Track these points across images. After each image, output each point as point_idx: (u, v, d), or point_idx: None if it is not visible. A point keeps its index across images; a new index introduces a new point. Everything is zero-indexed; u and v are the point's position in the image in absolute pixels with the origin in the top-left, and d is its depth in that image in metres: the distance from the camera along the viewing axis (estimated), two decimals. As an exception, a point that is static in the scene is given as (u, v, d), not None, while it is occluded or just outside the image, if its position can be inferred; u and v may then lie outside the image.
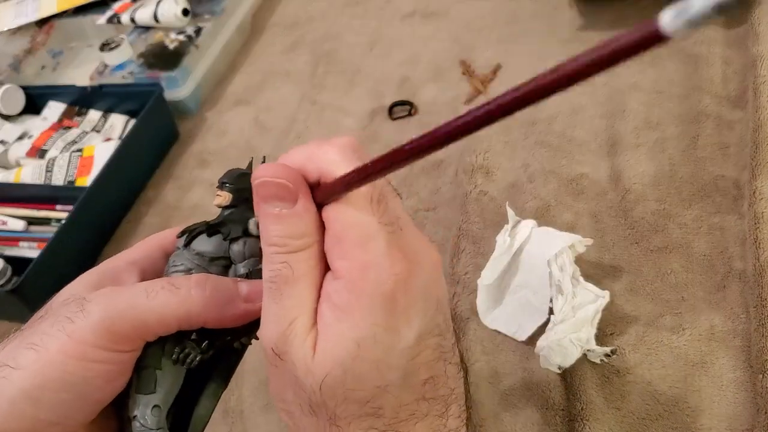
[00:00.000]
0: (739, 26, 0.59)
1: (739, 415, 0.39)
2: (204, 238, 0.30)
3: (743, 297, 0.43)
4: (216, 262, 0.30)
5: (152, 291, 0.26)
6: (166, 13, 0.80)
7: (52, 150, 0.73)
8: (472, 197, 0.54)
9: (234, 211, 0.31)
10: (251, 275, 0.29)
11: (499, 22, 0.73)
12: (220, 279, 0.28)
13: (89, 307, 0.25)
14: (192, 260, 0.29)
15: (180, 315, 0.26)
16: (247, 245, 0.29)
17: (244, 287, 0.28)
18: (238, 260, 0.30)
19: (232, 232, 0.30)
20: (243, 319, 0.27)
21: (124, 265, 0.30)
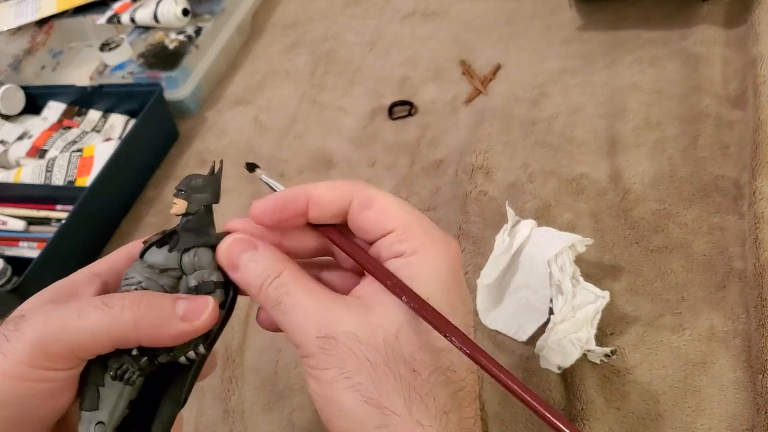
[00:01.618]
0: (739, 26, 0.59)
1: (739, 415, 0.39)
2: (155, 250, 0.29)
3: (743, 297, 0.43)
4: (166, 273, 0.29)
5: (84, 310, 0.26)
6: (165, 13, 0.80)
7: (52, 150, 0.73)
8: (472, 197, 0.55)
9: (191, 219, 0.30)
10: (201, 287, 0.29)
11: (499, 22, 0.73)
12: (156, 297, 0.27)
13: (23, 326, 0.25)
14: (143, 272, 0.29)
15: (112, 335, 0.26)
16: (197, 256, 0.29)
17: (182, 306, 0.27)
18: (188, 272, 0.29)
19: (181, 242, 0.29)
20: (180, 338, 0.27)
21: (86, 278, 0.30)
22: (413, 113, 0.67)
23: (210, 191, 0.31)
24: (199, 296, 0.28)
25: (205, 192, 0.31)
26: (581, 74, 0.62)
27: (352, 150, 0.65)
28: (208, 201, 0.31)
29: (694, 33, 0.60)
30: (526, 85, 0.63)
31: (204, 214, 0.30)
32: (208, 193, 0.31)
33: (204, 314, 0.27)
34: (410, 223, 0.28)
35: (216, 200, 0.31)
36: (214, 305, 0.28)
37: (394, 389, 0.25)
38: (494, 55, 0.69)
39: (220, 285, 0.29)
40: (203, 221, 0.30)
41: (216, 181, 0.31)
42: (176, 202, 0.30)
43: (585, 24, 0.67)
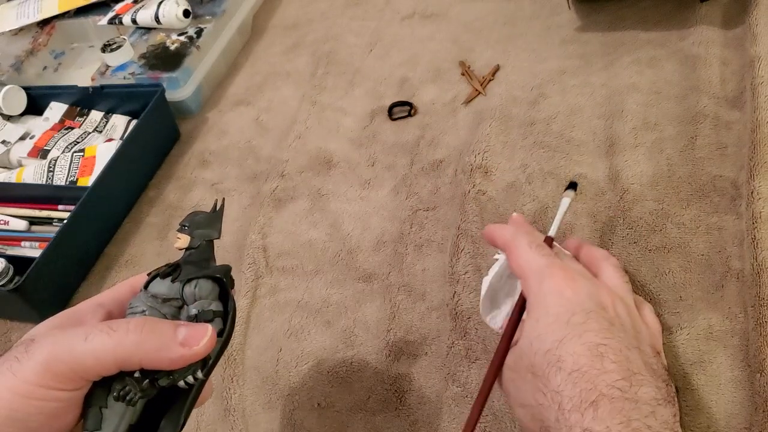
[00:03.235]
0: (736, 27, 0.59)
1: (737, 413, 0.39)
2: (158, 281, 0.31)
3: (741, 296, 0.43)
4: (169, 303, 0.31)
5: (90, 333, 0.28)
6: (167, 14, 0.80)
7: (54, 150, 0.73)
8: (471, 197, 0.55)
9: (193, 253, 0.32)
10: (200, 316, 0.30)
11: (498, 23, 0.73)
12: (159, 323, 0.29)
13: (33, 348, 0.27)
14: (147, 302, 0.31)
15: (116, 357, 0.28)
16: (198, 287, 0.31)
17: (182, 332, 0.29)
18: (189, 301, 0.31)
19: (182, 274, 0.31)
20: (179, 362, 0.29)
21: (90, 308, 0.32)
22: (413, 114, 0.67)
23: (212, 227, 0.33)
24: (198, 324, 0.30)
25: (208, 228, 0.33)
26: (580, 75, 0.62)
27: (353, 150, 0.66)
28: (210, 236, 0.33)
29: (692, 34, 0.60)
30: (525, 85, 0.64)
31: (205, 248, 0.33)
32: (210, 228, 0.33)
33: (203, 340, 0.29)
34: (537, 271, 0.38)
35: (217, 236, 0.33)
36: (212, 332, 0.30)
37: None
38: (493, 56, 0.69)
39: (219, 314, 0.31)
40: (204, 255, 0.32)
41: (218, 218, 0.34)
42: (179, 237, 0.32)
43: (584, 25, 0.67)
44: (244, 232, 0.62)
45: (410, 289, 0.52)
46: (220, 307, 0.32)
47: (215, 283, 0.32)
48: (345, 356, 0.50)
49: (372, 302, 0.53)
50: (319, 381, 0.49)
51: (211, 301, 0.31)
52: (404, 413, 0.46)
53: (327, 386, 0.49)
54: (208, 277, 0.31)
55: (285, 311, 0.54)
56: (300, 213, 0.62)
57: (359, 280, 0.54)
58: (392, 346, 0.49)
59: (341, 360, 0.50)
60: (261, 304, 0.56)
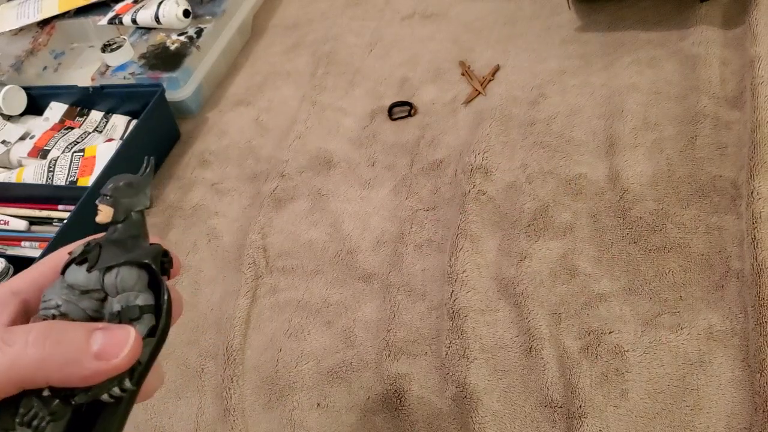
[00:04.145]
0: (736, 27, 0.59)
1: (737, 413, 0.39)
2: (75, 267, 0.25)
3: (741, 296, 0.43)
4: (88, 295, 0.25)
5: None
6: (167, 14, 0.80)
7: (54, 150, 0.73)
8: (471, 197, 0.55)
9: (118, 229, 0.26)
10: (124, 313, 0.25)
11: (498, 23, 0.73)
12: (67, 330, 0.23)
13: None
14: (62, 294, 0.25)
15: (13, 377, 0.22)
16: (119, 277, 0.25)
17: (98, 340, 0.23)
18: (111, 294, 0.25)
19: (102, 259, 0.25)
20: (93, 379, 0.23)
21: (1, 298, 0.26)
22: (413, 114, 0.67)
23: (140, 194, 0.26)
24: (118, 327, 0.24)
25: (134, 196, 0.26)
26: (580, 75, 0.62)
27: (353, 150, 0.66)
28: (138, 206, 0.26)
29: (692, 34, 0.60)
30: (525, 85, 0.64)
31: (134, 222, 0.26)
32: (137, 196, 0.26)
33: (123, 350, 0.23)
34: None
35: (148, 204, 0.27)
36: (135, 337, 0.24)
37: None
38: (493, 56, 0.69)
39: (147, 309, 0.25)
40: (132, 231, 0.26)
41: (146, 182, 0.27)
42: (101, 209, 0.26)
43: (584, 25, 0.67)
44: (244, 232, 0.62)
45: (410, 289, 0.52)
46: (150, 300, 0.25)
47: (143, 270, 0.25)
48: (345, 356, 0.50)
49: (372, 302, 0.53)
50: (319, 381, 0.49)
51: (137, 293, 0.25)
52: (404, 413, 0.46)
53: (327, 386, 0.49)
54: (133, 263, 0.25)
55: (285, 311, 0.54)
56: (300, 213, 0.62)
57: (359, 280, 0.54)
58: (392, 346, 0.49)
59: (341, 360, 0.50)
60: (261, 304, 0.56)
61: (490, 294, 0.49)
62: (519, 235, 0.52)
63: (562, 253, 0.49)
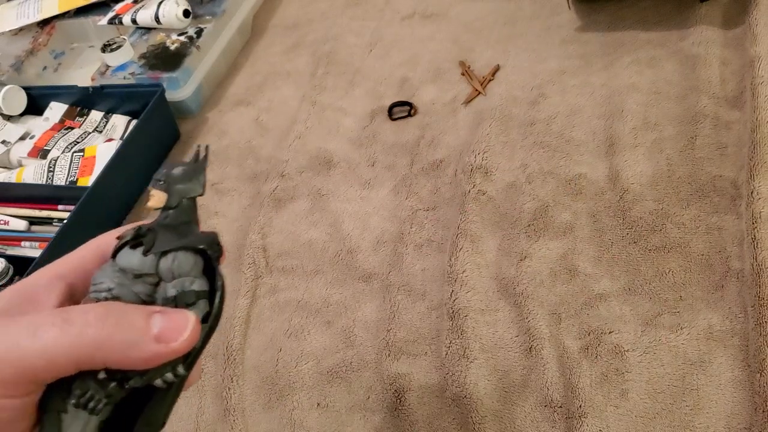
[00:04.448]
0: (736, 27, 0.59)
1: (737, 413, 0.39)
2: (128, 251, 0.25)
3: (741, 296, 0.43)
4: (141, 279, 0.24)
5: (40, 328, 0.22)
6: (167, 14, 0.80)
7: (54, 150, 0.73)
8: (471, 197, 0.55)
9: (170, 214, 0.26)
10: (180, 298, 0.24)
11: (498, 23, 0.73)
12: (126, 312, 0.23)
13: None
14: (114, 277, 0.24)
15: (74, 357, 0.22)
16: (176, 261, 0.24)
17: (157, 323, 0.23)
18: (166, 278, 0.25)
19: (158, 243, 0.24)
20: (152, 362, 0.23)
21: (47, 281, 0.25)
22: (413, 114, 0.67)
23: (194, 181, 0.26)
24: (177, 311, 0.24)
25: (188, 182, 0.26)
26: (580, 75, 0.62)
27: (353, 150, 0.66)
28: (192, 193, 0.26)
29: (692, 34, 0.60)
30: (525, 85, 0.64)
31: (186, 208, 0.26)
32: (191, 183, 0.26)
33: (183, 334, 0.23)
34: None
35: (201, 192, 0.27)
36: (195, 323, 0.24)
37: None
38: (493, 56, 0.69)
39: (203, 295, 0.25)
40: (184, 217, 0.26)
41: (201, 169, 0.27)
42: (153, 194, 0.26)
43: (584, 25, 0.67)
44: (244, 232, 0.62)
45: (410, 289, 0.52)
46: (205, 286, 0.25)
47: (198, 256, 0.25)
48: (345, 356, 0.50)
49: (372, 302, 0.53)
50: (319, 381, 0.49)
51: (193, 278, 0.25)
52: (404, 413, 0.46)
53: (327, 386, 0.49)
54: (189, 249, 0.25)
55: (285, 311, 0.54)
56: (300, 213, 0.62)
57: (359, 280, 0.54)
58: (392, 345, 0.49)
59: (341, 360, 0.50)
60: (261, 304, 0.56)
61: (490, 294, 0.49)
62: (519, 235, 0.52)
63: (562, 253, 0.49)
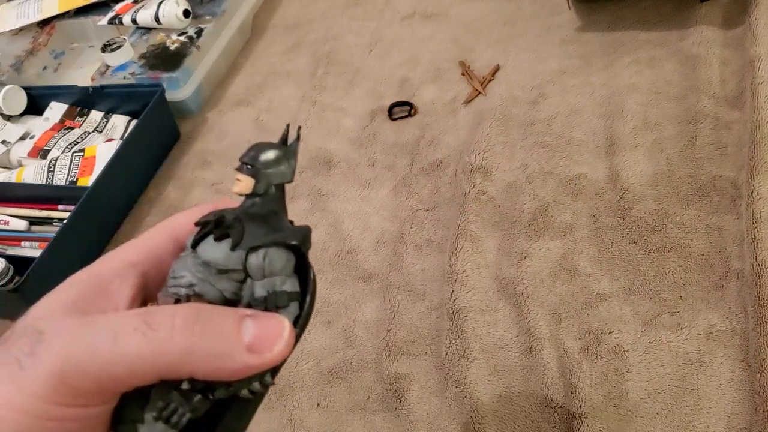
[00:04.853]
0: (736, 27, 0.59)
1: (737, 413, 0.39)
2: (212, 243, 0.22)
3: (741, 296, 0.43)
4: (227, 275, 0.22)
5: (121, 333, 0.20)
6: (167, 14, 0.80)
7: (54, 150, 0.73)
8: (471, 197, 0.55)
9: (257, 202, 0.23)
10: (271, 299, 0.22)
11: (498, 23, 0.73)
12: (215, 316, 0.21)
13: (42, 351, 0.20)
14: (197, 272, 0.22)
15: (157, 367, 0.20)
16: (268, 258, 0.22)
17: (249, 330, 0.21)
18: (255, 276, 0.22)
19: (247, 237, 0.22)
20: (243, 373, 0.21)
21: (119, 270, 0.23)
22: (413, 114, 0.67)
23: (284, 166, 0.23)
24: (270, 316, 0.22)
25: (278, 167, 0.23)
26: (580, 75, 0.62)
27: (353, 150, 0.66)
28: (281, 179, 0.23)
29: (692, 34, 0.60)
30: (525, 85, 0.64)
31: (274, 195, 0.23)
32: (281, 168, 0.23)
33: (278, 344, 0.21)
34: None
35: (290, 178, 0.24)
36: (290, 330, 0.21)
37: None
38: (493, 56, 0.69)
39: (295, 297, 0.23)
40: (273, 206, 0.23)
41: (292, 153, 0.24)
42: (240, 179, 0.23)
43: (584, 25, 0.67)
44: (244, 232, 0.62)
45: (410, 289, 0.52)
46: (296, 287, 0.23)
47: (290, 253, 0.23)
48: (345, 356, 0.50)
49: (372, 302, 0.53)
50: (319, 381, 0.49)
51: (285, 278, 0.22)
52: (404, 413, 0.46)
53: (327, 386, 0.49)
54: (281, 245, 0.22)
55: (285, 311, 0.54)
56: (300, 213, 0.62)
57: (359, 280, 0.54)
58: (392, 346, 0.49)
59: (341, 360, 0.50)
60: (261, 304, 0.56)
61: (490, 294, 0.49)
62: (519, 235, 0.52)
63: (562, 253, 0.49)
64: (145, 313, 0.20)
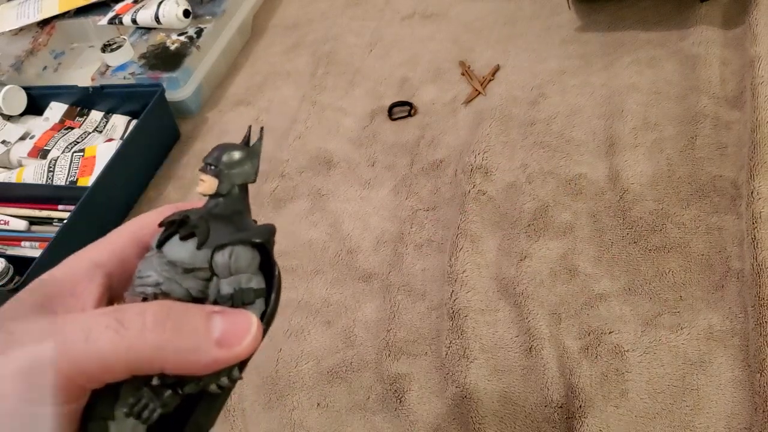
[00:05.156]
0: (736, 27, 0.59)
1: (737, 413, 0.39)
2: (177, 243, 0.23)
3: (741, 296, 0.43)
4: (192, 274, 0.22)
5: (93, 331, 0.20)
6: (167, 14, 0.80)
7: (54, 150, 0.73)
8: (471, 197, 0.55)
9: (221, 202, 0.24)
10: (237, 297, 0.22)
11: (498, 23, 0.73)
12: (185, 313, 0.21)
13: (12, 351, 0.20)
14: (163, 271, 0.22)
15: (129, 364, 0.20)
16: (234, 256, 0.23)
17: (218, 326, 0.21)
18: (221, 274, 0.23)
19: (213, 236, 0.23)
20: (212, 367, 0.21)
21: (85, 270, 0.23)
22: (413, 114, 0.67)
23: (247, 166, 0.24)
24: (238, 312, 0.22)
25: (241, 167, 0.24)
26: (580, 75, 0.62)
27: (353, 150, 0.66)
28: (245, 179, 0.24)
29: (692, 34, 0.60)
30: (525, 85, 0.64)
31: (238, 195, 0.24)
32: (244, 168, 0.24)
33: (246, 338, 0.22)
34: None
35: (254, 178, 0.25)
36: (257, 325, 0.22)
37: None
38: (493, 56, 0.69)
39: (261, 293, 0.23)
40: (237, 206, 0.24)
41: (255, 154, 0.25)
42: (203, 179, 0.24)
43: (584, 25, 0.67)
44: (244, 232, 0.62)
45: (410, 289, 0.52)
46: (262, 283, 0.23)
47: (255, 251, 0.23)
48: (345, 356, 0.50)
49: (372, 302, 0.53)
50: (319, 381, 0.49)
51: (250, 276, 0.23)
52: (404, 413, 0.46)
53: (327, 386, 0.49)
54: (247, 243, 0.23)
55: (285, 311, 0.54)
56: (300, 213, 0.62)
57: (359, 280, 0.54)
58: (392, 346, 0.49)
59: (341, 360, 0.50)
60: (261, 304, 0.56)
61: (490, 294, 0.49)
62: (519, 235, 0.52)
63: (562, 253, 0.49)
64: (115, 311, 0.21)
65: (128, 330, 0.20)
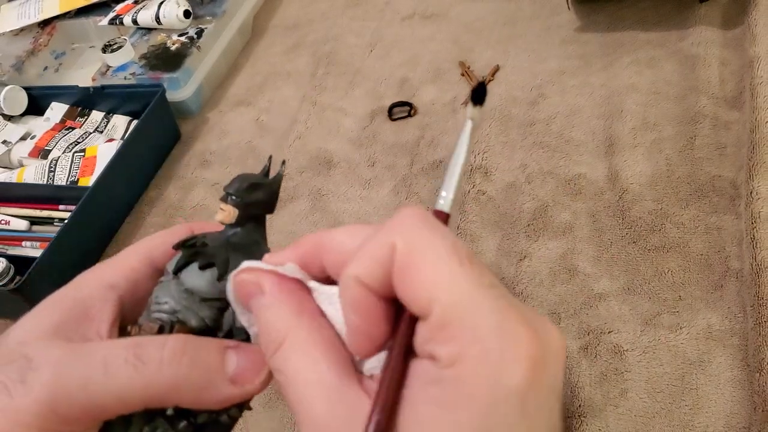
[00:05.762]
0: (736, 27, 0.59)
1: (736, 413, 0.39)
2: (196, 271, 0.23)
3: (740, 296, 0.43)
4: (209, 303, 0.23)
5: (111, 365, 0.20)
6: (167, 14, 0.80)
7: (55, 150, 0.73)
8: (471, 197, 0.55)
9: (239, 233, 0.24)
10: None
11: (498, 24, 0.73)
12: (201, 349, 0.22)
13: (31, 379, 0.20)
14: (180, 299, 0.23)
15: (145, 398, 0.21)
16: None
17: (232, 361, 0.22)
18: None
19: (231, 267, 0.22)
20: (225, 403, 0.22)
21: (99, 294, 0.23)
22: (413, 114, 0.67)
23: (267, 197, 0.25)
24: (252, 349, 0.22)
25: (261, 198, 0.24)
26: (579, 75, 0.62)
27: (353, 150, 0.66)
28: (264, 210, 0.25)
29: (692, 34, 0.60)
30: (525, 86, 0.64)
31: (256, 226, 0.25)
32: (264, 200, 0.24)
33: (260, 376, 0.22)
34: (460, 305, 0.17)
35: (272, 210, 0.25)
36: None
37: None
38: (493, 56, 0.69)
39: None
40: (254, 236, 0.24)
41: (276, 186, 0.25)
42: (224, 208, 0.24)
43: (583, 25, 0.67)
44: (244, 232, 0.62)
45: (410, 289, 0.52)
46: None
47: None
48: (345, 356, 0.50)
49: (372, 302, 0.53)
50: (319, 380, 0.49)
51: None
52: (404, 412, 0.46)
53: (327, 386, 0.49)
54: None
55: (285, 311, 0.54)
56: (300, 213, 0.62)
57: (359, 280, 0.55)
58: (392, 345, 0.49)
59: (341, 359, 0.50)
60: (261, 304, 0.56)
61: (490, 294, 0.49)
62: (519, 235, 0.52)
63: (561, 253, 0.49)
64: (135, 345, 0.21)
65: (146, 365, 0.21)
